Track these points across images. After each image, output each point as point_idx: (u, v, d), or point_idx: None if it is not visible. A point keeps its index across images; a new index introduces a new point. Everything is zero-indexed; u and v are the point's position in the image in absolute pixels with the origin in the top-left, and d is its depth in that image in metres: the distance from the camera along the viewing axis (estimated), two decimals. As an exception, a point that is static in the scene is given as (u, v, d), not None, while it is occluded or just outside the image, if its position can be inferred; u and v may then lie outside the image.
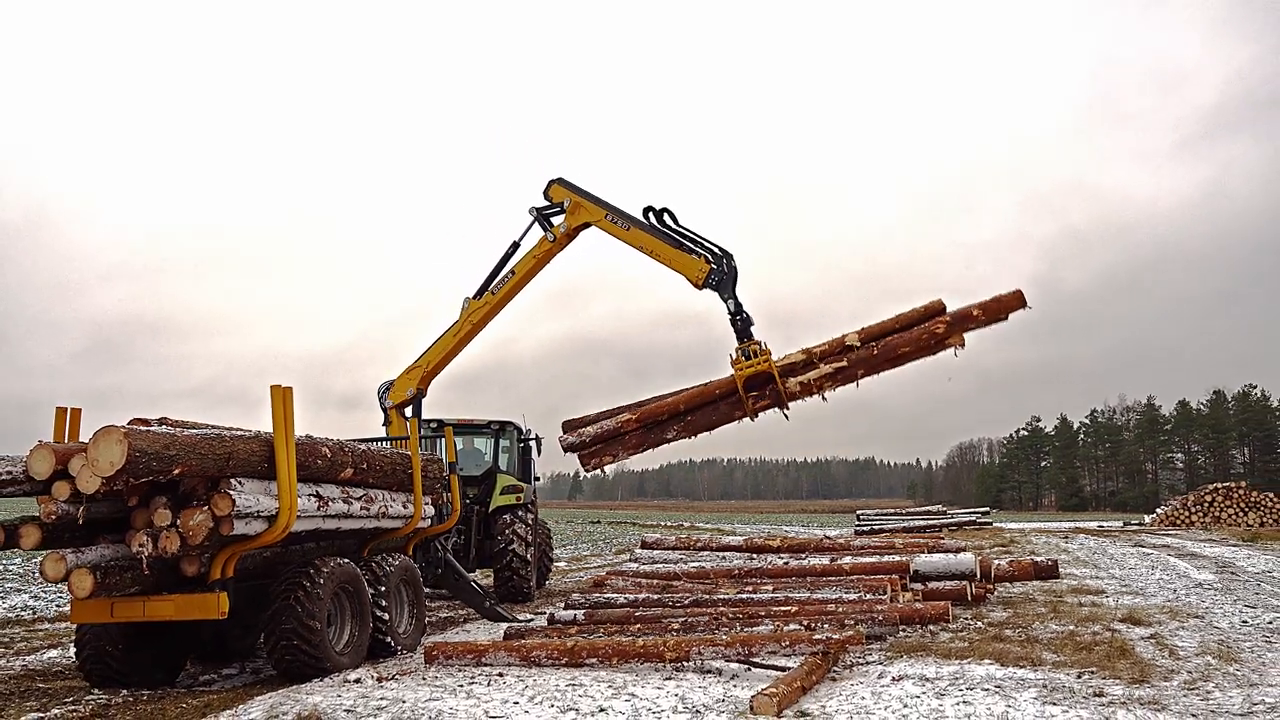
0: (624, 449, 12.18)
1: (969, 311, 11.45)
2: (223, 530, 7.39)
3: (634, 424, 11.94)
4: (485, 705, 6.66)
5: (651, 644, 8.23)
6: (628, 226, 13.02)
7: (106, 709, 7.03)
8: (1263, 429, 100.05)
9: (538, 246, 13.68)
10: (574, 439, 12.27)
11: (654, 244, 12.77)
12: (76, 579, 7.25)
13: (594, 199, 13.33)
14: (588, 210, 13.32)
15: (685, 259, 12.51)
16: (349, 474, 9.22)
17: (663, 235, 12.78)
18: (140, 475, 6.76)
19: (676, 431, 11.98)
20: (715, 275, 12.30)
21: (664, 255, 12.69)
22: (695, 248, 12.61)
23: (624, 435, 12.03)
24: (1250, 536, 29.05)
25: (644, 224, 12.97)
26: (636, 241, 12.93)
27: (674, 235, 12.81)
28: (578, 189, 13.47)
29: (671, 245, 12.69)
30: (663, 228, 12.87)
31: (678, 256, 12.55)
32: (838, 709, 6.65)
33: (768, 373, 11.54)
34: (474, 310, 13.78)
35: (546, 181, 13.62)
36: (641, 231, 12.91)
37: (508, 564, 14.32)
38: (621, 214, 13.10)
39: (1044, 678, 7.53)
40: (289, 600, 8.10)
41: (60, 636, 10.94)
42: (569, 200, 13.42)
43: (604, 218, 13.19)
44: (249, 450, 7.71)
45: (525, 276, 13.77)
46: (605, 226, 13.22)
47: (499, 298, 13.74)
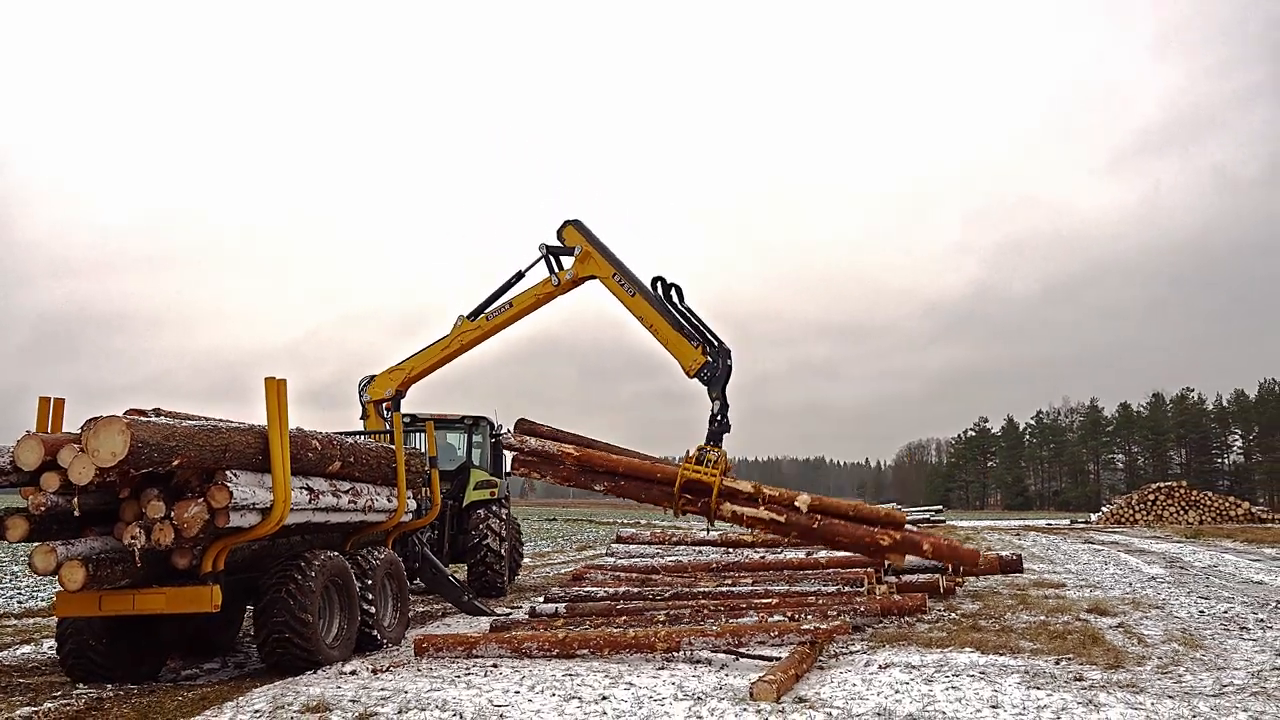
0: (554, 476, 11.98)
1: (919, 542, 10.97)
2: (218, 523, 7.35)
3: (572, 459, 11.71)
4: (487, 695, 6.73)
5: (643, 635, 8.36)
6: (633, 293, 12.63)
7: (100, 703, 6.96)
8: (1199, 431, 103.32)
9: (540, 286, 13.41)
10: (516, 442, 12.15)
11: (656, 319, 12.37)
12: (67, 571, 7.16)
13: (606, 253, 12.93)
14: (597, 264, 12.96)
15: (683, 344, 12.17)
16: (336, 467, 9.20)
17: (666, 313, 12.36)
18: (141, 466, 6.71)
19: (605, 488, 11.80)
20: (708, 370, 12.00)
21: (663, 334, 12.31)
22: (695, 334, 12.23)
23: (559, 464, 11.84)
24: (1193, 533, 30.08)
25: (650, 295, 12.55)
26: (638, 311, 12.56)
27: (677, 316, 12.38)
28: (592, 237, 13.08)
29: (673, 325, 12.30)
30: (669, 305, 12.43)
31: (676, 340, 12.20)
32: (832, 695, 6.84)
33: (709, 486, 11.25)
34: (465, 331, 13.66)
35: (562, 221, 13.23)
36: (646, 303, 12.49)
37: (482, 559, 14.33)
38: (630, 277, 12.71)
39: (1025, 664, 7.82)
40: (280, 593, 8.07)
41: (31, 632, 10.74)
42: (580, 248, 13.05)
43: (611, 276, 12.81)
44: (244, 442, 7.67)
45: (521, 312, 13.60)
46: (610, 286, 12.86)
47: (492, 325, 13.62)
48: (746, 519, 10.77)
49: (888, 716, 6.18)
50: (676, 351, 12.23)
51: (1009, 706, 6.44)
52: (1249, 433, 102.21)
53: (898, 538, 10.20)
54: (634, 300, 12.61)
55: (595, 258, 12.94)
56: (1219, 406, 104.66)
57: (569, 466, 11.60)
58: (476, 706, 6.34)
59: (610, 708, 6.39)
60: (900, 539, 10.21)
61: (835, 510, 10.92)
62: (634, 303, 12.60)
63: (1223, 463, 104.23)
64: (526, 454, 11.77)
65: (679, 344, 12.17)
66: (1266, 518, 37.51)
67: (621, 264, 12.85)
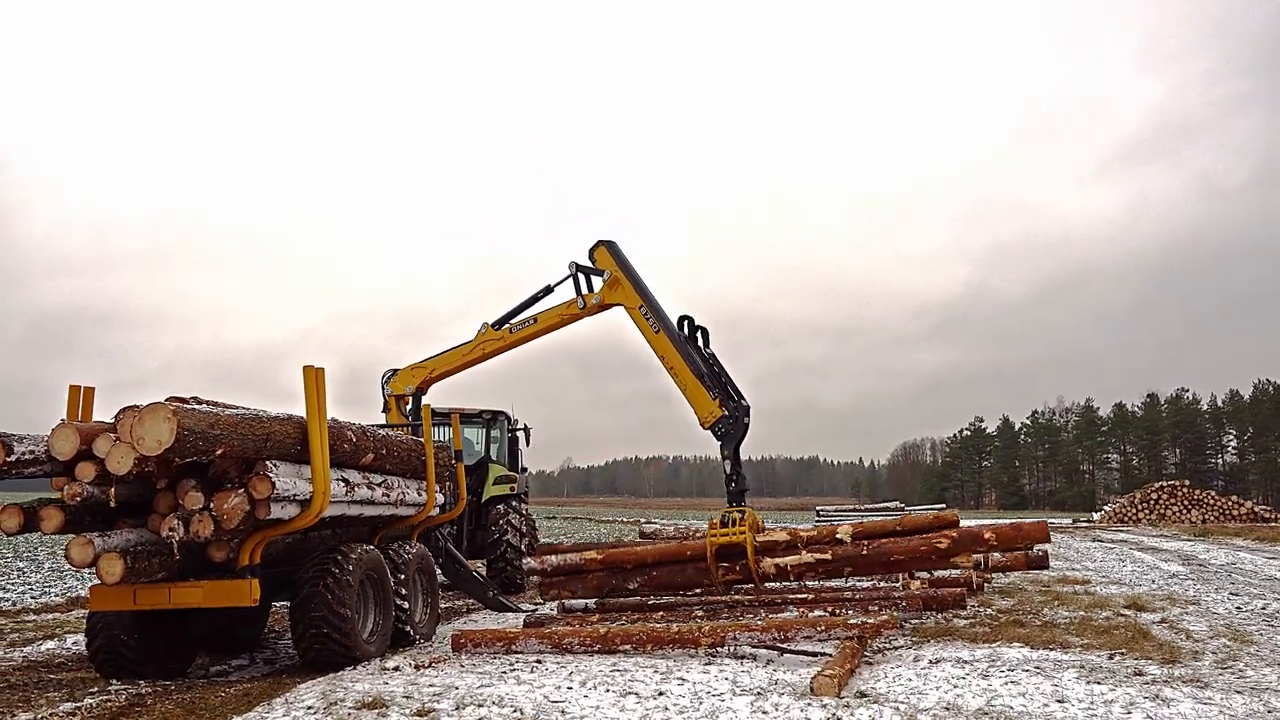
0: (584, 588, 11.22)
1: (980, 533, 10.30)
2: (259, 514, 7.16)
3: (598, 564, 11.14)
4: (540, 690, 6.57)
5: (686, 630, 8.21)
6: (657, 329, 12.20)
7: (140, 699, 6.78)
8: (1193, 431, 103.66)
9: (566, 306, 13.13)
10: (538, 564, 11.49)
11: (677, 361, 11.94)
12: (105, 564, 6.98)
13: (636, 282, 12.54)
14: (625, 293, 12.59)
15: (701, 393, 11.74)
16: (370, 459, 9.03)
17: (688, 356, 11.92)
18: (186, 455, 6.53)
19: (639, 584, 11.06)
20: (723, 425, 11.58)
21: (682, 377, 11.89)
22: (715, 385, 11.80)
23: (587, 574, 11.21)
24: (1200, 532, 30.08)
25: (674, 334, 12.12)
26: (660, 349, 12.14)
27: (699, 361, 11.95)
28: (624, 263, 12.70)
29: (693, 371, 11.85)
30: (692, 348, 12.01)
31: (695, 387, 11.77)
32: (889, 690, 6.70)
33: (742, 546, 10.53)
34: (489, 340, 13.43)
35: (595, 241, 12.89)
36: (669, 342, 12.06)
37: (501, 554, 14.19)
38: (657, 312, 12.29)
39: (1078, 659, 7.70)
40: (318, 587, 7.88)
41: (52, 627, 10.53)
42: (611, 272, 12.70)
43: (638, 308, 12.40)
44: (284, 432, 7.49)
45: (545, 329, 13.36)
46: (635, 318, 12.47)
47: (515, 338, 13.36)
48: (792, 569, 10.07)
49: (955, 711, 6.04)
50: (693, 399, 11.79)
51: (1074, 701, 6.31)
52: (1243, 433, 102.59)
53: (956, 536, 9.84)
54: (657, 337, 12.19)
55: (625, 286, 12.57)
56: (1214, 407, 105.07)
57: (597, 573, 11.01)
58: (534, 702, 6.17)
59: (669, 703, 6.23)
60: (959, 537, 9.81)
61: (881, 530, 10.45)
62: (657, 340, 12.19)
63: (1217, 463, 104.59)
64: (551, 573, 11.18)
65: (697, 391, 11.72)
66: (1270, 517, 37.54)
67: (650, 296, 12.44)
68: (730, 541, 10.42)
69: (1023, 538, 9.74)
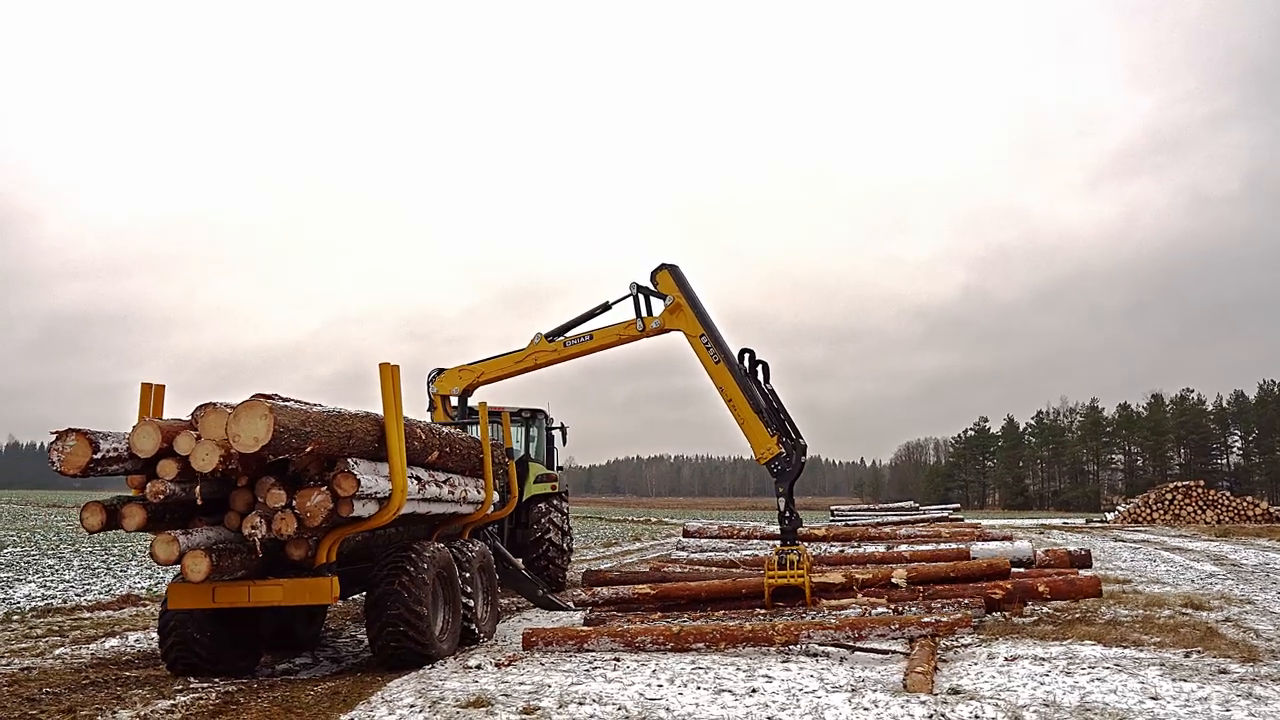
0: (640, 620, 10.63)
1: (1034, 585, 10.13)
2: (342, 511, 7.16)
3: (650, 598, 11.03)
4: (631, 688, 6.58)
5: (760, 628, 8.22)
6: (718, 359, 12.05)
7: (232, 697, 6.77)
8: (1199, 432, 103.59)
9: (624, 327, 12.96)
10: (587, 596, 11.48)
11: (736, 395, 11.82)
12: (191, 561, 6.96)
13: (698, 309, 12.38)
14: (686, 320, 12.40)
15: (759, 429, 11.60)
16: (435, 457, 9.03)
17: (748, 390, 11.76)
18: (279, 452, 6.53)
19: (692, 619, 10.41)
20: (779, 463, 11.49)
21: (740, 412, 11.78)
22: (774, 421, 11.69)
23: (637, 606, 11.08)
24: (1219, 532, 30.07)
25: (735, 366, 11.93)
26: (719, 380, 12.01)
27: (759, 396, 11.81)
28: (686, 289, 12.52)
29: (752, 406, 11.69)
30: (752, 382, 11.90)
31: (753, 421, 11.66)
32: (978, 687, 6.71)
33: (800, 588, 10.48)
34: (542, 351, 13.25)
35: (659, 264, 12.69)
36: (730, 375, 11.89)
37: (544, 552, 14.18)
38: (718, 342, 12.13)
39: (1154, 657, 7.70)
40: (394, 585, 7.87)
41: (110, 625, 10.54)
42: (672, 298, 12.52)
43: (698, 337, 12.23)
44: (364, 429, 7.50)
45: (601, 346, 13.22)
46: (696, 346, 12.30)
47: (569, 352, 13.18)
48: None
49: (1055, 707, 6.05)
50: (750, 433, 11.72)
51: (1168, 698, 6.32)
52: (1248, 434, 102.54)
53: (1009, 587, 9.81)
54: (717, 368, 12.03)
55: (686, 313, 12.40)
56: (1218, 407, 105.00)
57: (648, 607, 10.84)
58: (634, 700, 6.18)
59: (767, 700, 6.24)
60: (1012, 588, 9.83)
61: (936, 576, 10.28)
62: (717, 370, 12.03)
63: (1222, 463, 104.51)
64: (602, 605, 11.05)
65: (755, 427, 11.64)
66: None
67: (712, 325, 12.30)
68: (788, 584, 10.34)
69: (1075, 591, 9.76)
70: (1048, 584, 9.81)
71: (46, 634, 9.96)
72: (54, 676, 7.70)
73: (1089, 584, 9.70)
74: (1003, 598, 9.64)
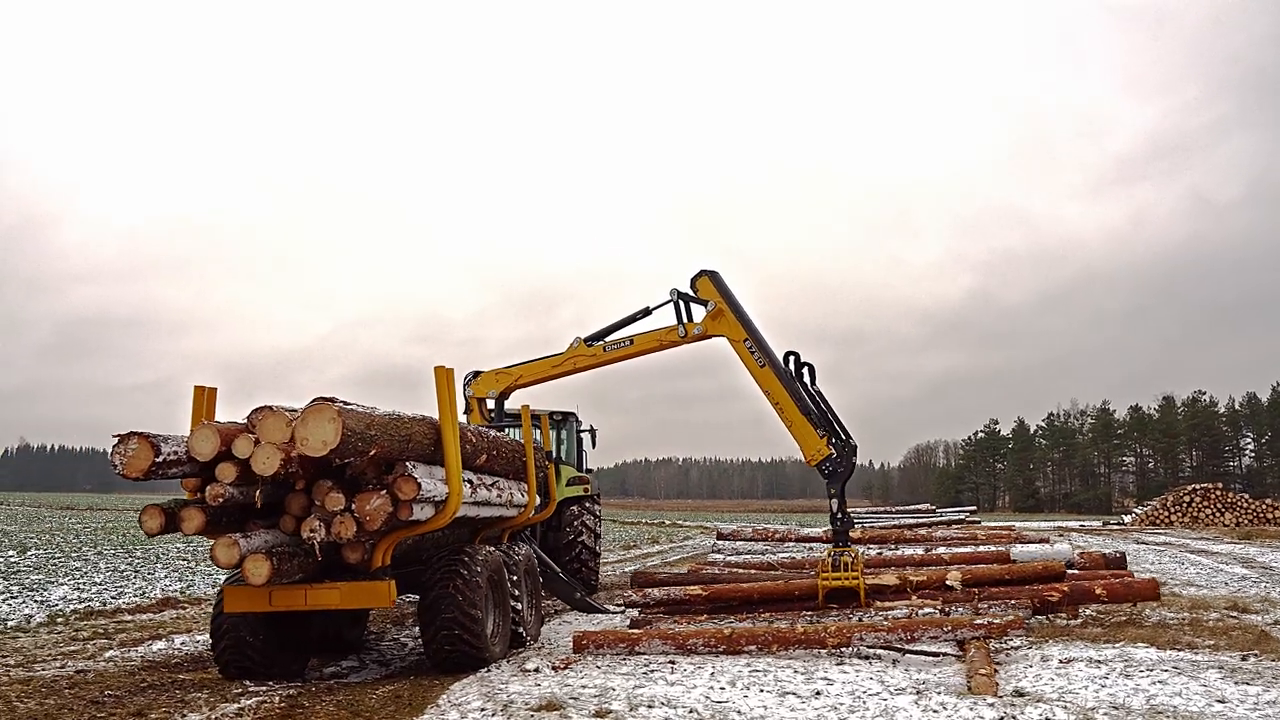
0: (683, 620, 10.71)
1: (1090, 589, 9.94)
2: (401, 515, 7.17)
3: (702, 600, 10.99)
4: (695, 691, 6.58)
5: (812, 630, 8.21)
6: (763, 363, 11.96)
7: (297, 700, 6.80)
8: (1210, 434, 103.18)
9: (666, 332, 12.88)
10: (639, 597, 11.38)
11: (784, 398, 11.74)
12: (252, 565, 6.97)
13: (740, 314, 12.31)
14: (729, 325, 12.32)
15: (809, 431, 11.53)
16: (483, 460, 9.05)
17: (796, 393, 11.70)
18: (346, 455, 6.56)
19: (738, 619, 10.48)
20: (829, 465, 11.37)
21: (789, 414, 11.71)
22: (823, 423, 11.63)
23: (688, 606, 11.04)
24: (1242, 535, 29.96)
25: (780, 370, 11.86)
26: (766, 384, 11.93)
27: (806, 399, 11.74)
28: (727, 294, 12.46)
29: (800, 409, 11.63)
30: (799, 384, 11.81)
31: (802, 424, 11.58)
32: (1039, 689, 6.69)
33: (855, 590, 10.45)
34: (580, 355, 13.21)
35: (698, 270, 12.61)
36: (776, 379, 11.82)
37: (576, 555, 14.19)
38: (763, 346, 12.06)
39: (1211, 659, 7.68)
40: (448, 588, 7.87)
41: (154, 628, 10.58)
42: (714, 303, 12.42)
43: (742, 341, 12.15)
44: (422, 433, 7.52)
45: (641, 351, 13.15)
46: (740, 351, 12.22)
47: (608, 357, 13.13)
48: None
49: (1126, 710, 6.04)
50: (800, 437, 11.64)
51: (1234, 700, 6.30)
52: (1261, 436, 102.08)
53: (1066, 590, 9.71)
54: (763, 372, 11.95)
55: (728, 318, 12.32)
56: (1230, 410, 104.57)
57: (700, 608, 10.79)
58: (702, 703, 6.19)
59: (832, 703, 6.24)
60: (1069, 590, 9.72)
61: (991, 578, 10.28)
62: (762, 375, 11.96)
63: (1234, 466, 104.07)
64: (653, 606, 10.99)
65: (804, 430, 11.56)
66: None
67: (755, 329, 12.23)
68: (842, 585, 10.29)
69: (1133, 595, 9.65)
70: (1105, 587, 9.72)
71: (92, 636, 10.00)
72: (110, 679, 7.73)
73: (1147, 588, 9.63)
74: (1059, 600, 9.58)
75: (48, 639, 9.81)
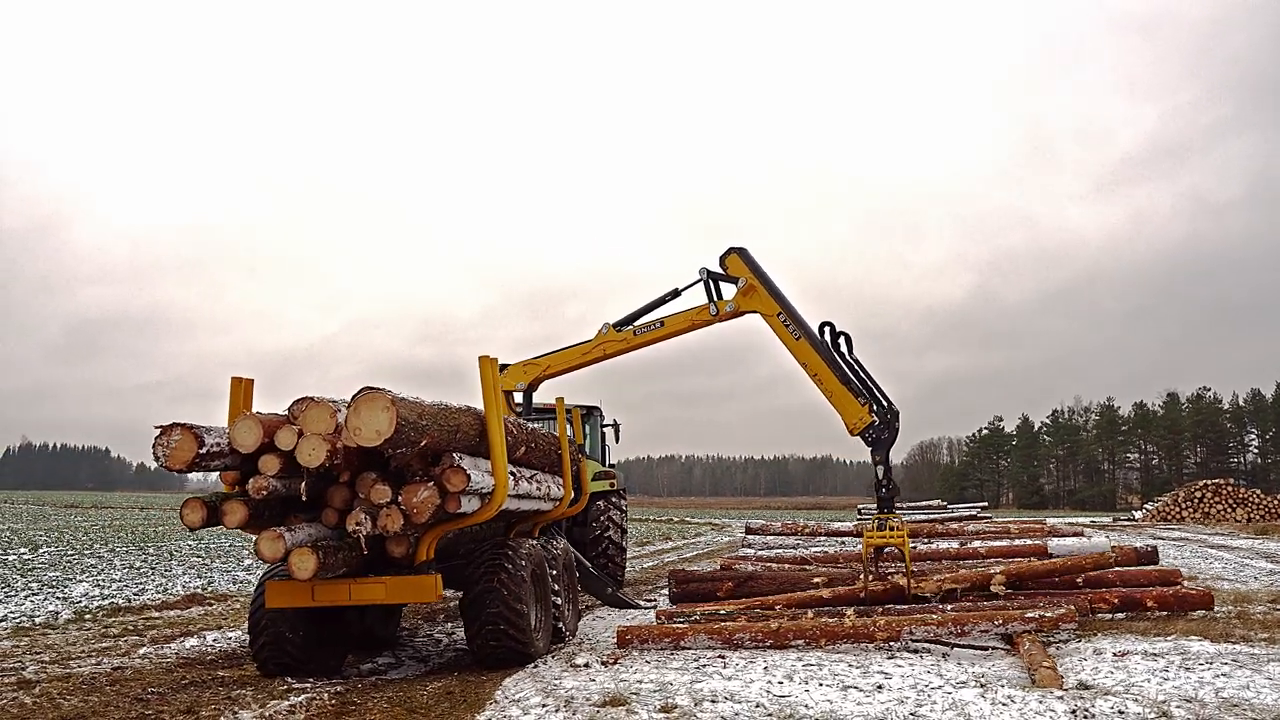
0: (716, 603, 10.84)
1: (1141, 600, 9.67)
2: (449, 507, 7.04)
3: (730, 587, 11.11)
4: (754, 685, 6.46)
5: (861, 624, 8.10)
6: (798, 336, 11.79)
7: (348, 697, 6.67)
8: (1215, 430, 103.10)
9: (697, 312, 12.68)
10: (678, 591, 11.44)
11: (821, 369, 11.56)
12: (298, 559, 6.85)
13: (772, 289, 12.13)
14: (761, 300, 12.13)
15: (849, 400, 11.39)
16: (522, 453, 8.92)
17: (833, 363, 11.54)
18: (399, 445, 6.42)
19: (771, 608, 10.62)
20: (873, 432, 11.27)
21: (828, 385, 11.55)
22: (863, 391, 11.47)
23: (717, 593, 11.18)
24: (1259, 530, 29.84)
25: (816, 341, 11.71)
26: (802, 357, 11.77)
27: (844, 368, 11.58)
28: (757, 269, 12.27)
29: (840, 378, 11.48)
30: (836, 354, 11.66)
31: (842, 394, 11.43)
32: (1101, 682, 6.58)
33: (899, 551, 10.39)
34: (610, 341, 12.99)
35: (727, 248, 12.45)
36: (812, 349, 11.66)
37: (603, 550, 14.05)
38: (796, 319, 11.89)
39: (1270, 653, 7.56)
40: (493, 583, 7.75)
41: (184, 624, 10.46)
42: (744, 280, 12.25)
43: (775, 315, 11.98)
44: (469, 423, 7.40)
45: (672, 333, 12.94)
46: (774, 325, 12.04)
47: (639, 341, 12.93)
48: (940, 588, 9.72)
49: (1199, 704, 5.92)
50: (841, 407, 11.49)
51: (1307, 694, 6.18)
52: (1265, 432, 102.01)
53: (1115, 601, 9.48)
54: (798, 345, 11.79)
55: (760, 293, 12.14)
56: (1235, 406, 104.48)
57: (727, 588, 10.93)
58: (767, 698, 6.07)
59: (899, 696, 6.12)
60: (1121, 598, 9.49)
61: (1034, 573, 10.11)
62: (798, 347, 11.80)
63: (1239, 462, 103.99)
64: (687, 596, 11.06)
65: (845, 399, 11.41)
66: (1317, 515, 37.23)
67: (788, 303, 12.06)
68: (886, 541, 10.21)
69: (1186, 605, 9.43)
70: (1155, 598, 9.46)
71: (123, 633, 9.89)
72: (149, 677, 7.61)
73: (1200, 598, 9.38)
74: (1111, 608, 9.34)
75: (78, 635, 9.69)
